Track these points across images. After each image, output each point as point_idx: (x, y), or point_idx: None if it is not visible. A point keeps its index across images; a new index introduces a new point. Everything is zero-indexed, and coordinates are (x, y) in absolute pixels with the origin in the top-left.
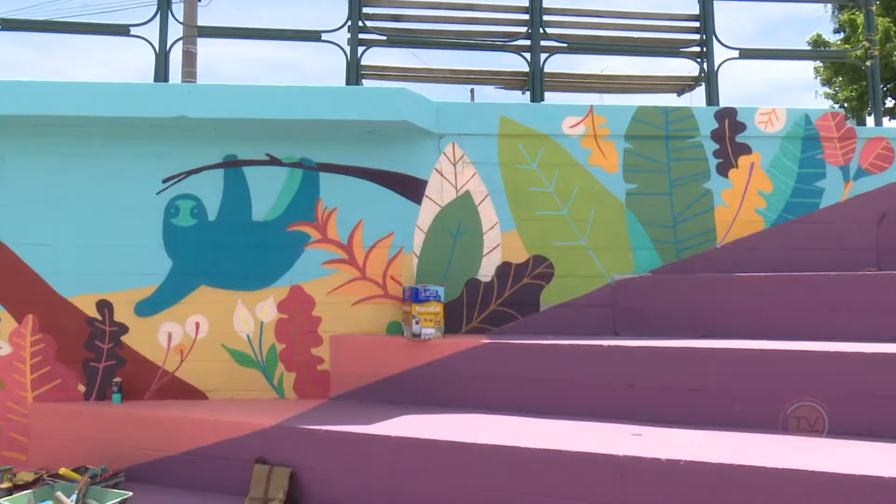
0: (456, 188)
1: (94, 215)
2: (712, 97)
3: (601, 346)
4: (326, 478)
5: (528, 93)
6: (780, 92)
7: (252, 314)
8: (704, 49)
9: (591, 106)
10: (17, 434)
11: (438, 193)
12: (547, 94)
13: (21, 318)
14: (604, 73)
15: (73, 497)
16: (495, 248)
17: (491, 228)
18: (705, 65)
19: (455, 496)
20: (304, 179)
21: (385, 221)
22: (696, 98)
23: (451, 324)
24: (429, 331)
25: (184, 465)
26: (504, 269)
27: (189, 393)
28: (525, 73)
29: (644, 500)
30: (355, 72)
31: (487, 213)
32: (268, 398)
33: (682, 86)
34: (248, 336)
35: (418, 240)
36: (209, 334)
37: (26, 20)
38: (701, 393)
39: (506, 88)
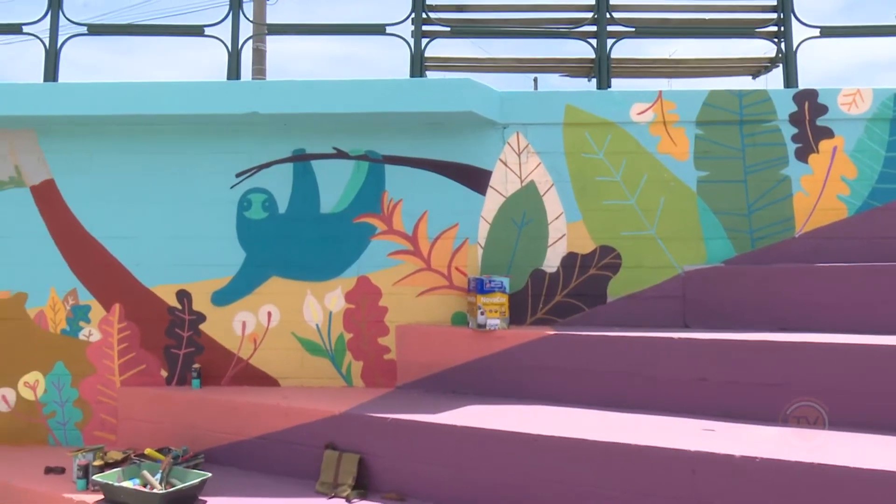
0: (521, 178)
1: (173, 209)
2: (790, 79)
3: (671, 338)
4: (393, 465)
5: (593, 80)
6: (865, 71)
7: (321, 304)
8: (782, 28)
9: (660, 91)
10: (107, 416)
11: (503, 184)
12: (613, 81)
13: (109, 306)
14: (673, 56)
15: (158, 476)
16: (560, 238)
17: (556, 218)
18: (783, 45)
19: (520, 488)
20: (370, 172)
21: (449, 212)
22: (772, 80)
23: (516, 315)
24: (494, 322)
25: (258, 449)
26: (570, 259)
27: (262, 380)
28: (591, 60)
29: (717, 497)
30: (419, 64)
31: (552, 204)
32: (336, 386)
33: (757, 68)
34: (317, 325)
35: (483, 230)
36: (280, 323)
37: (111, 25)
38: (780, 388)
39: (571, 76)
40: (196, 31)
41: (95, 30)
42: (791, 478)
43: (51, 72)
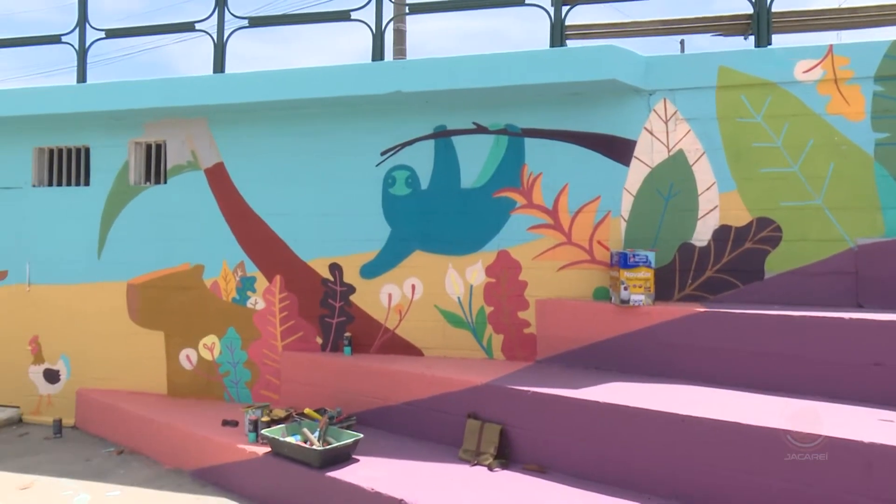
0: (668, 147)
1: (324, 188)
2: None
3: (842, 318)
4: (535, 437)
5: (750, 38)
6: None
7: (462, 277)
8: None
9: (831, 46)
10: (272, 377)
11: (648, 154)
12: (774, 38)
13: (271, 278)
14: (844, 6)
15: (316, 434)
16: (712, 210)
17: (707, 189)
18: None
19: (664, 468)
20: (510, 146)
21: (591, 185)
22: None
23: (662, 291)
24: (638, 297)
25: (404, 414)
26: (722, 232)
27: (407, 349)
28: (747, 17)
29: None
30: (559, 33)
31: (703, 173)
32: (477, 358)
33: None
34: (458, 298)
35: (626, 203)
36: (424, 296)
37: (269, 16)
38: None
39: (724, 35)
40: (343, 16)
41: (256, 22)
42: None
43: (219, 64)
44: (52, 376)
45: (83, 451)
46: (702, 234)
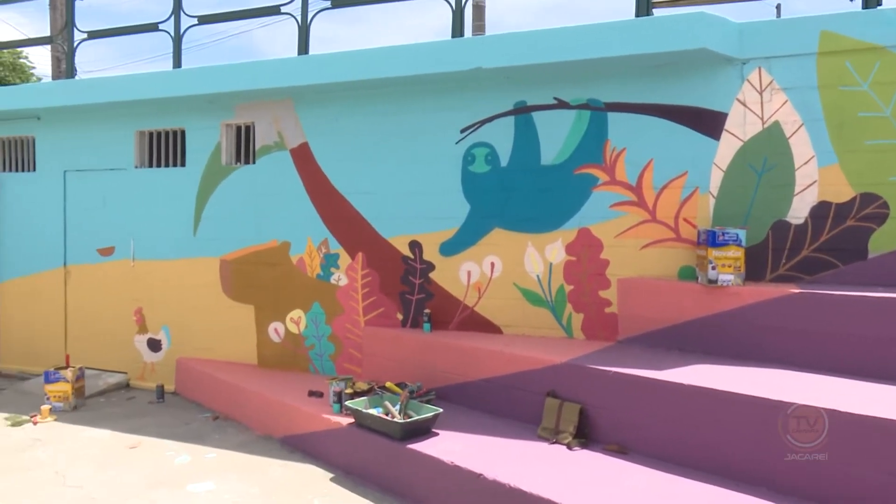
0: (762, 119)
1: (404, 166)
2: None
3: None
4: (615, 417)
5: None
6: None
7: (542, 255)
8: None
9: None
10: (354, 350)
11: (740, 126)
12: None
13: (354, 255)
14: None
15: (397, 407)
16: (810, 185)
17: (805, 163)
18: None
19: (754, 456)
20: (592, 121)
21: (677, 160)
22: None
23: (753, 270)
24: (727, 277)
25: (482, 391)
26: (821, 209)
27: (486, 326)
28: None
29: None
30: (646, 2)
31: (801, 146)
32: (556, 336)
33: None
34: (537, 276)
35: (715, 179)
36: (503, 274)
37: None
38: None
39: None
40: None
41: (338, 2)
42: None
43: (303, 45)
44: (154, 345)
45: (183, 416)
46: (798, 211)
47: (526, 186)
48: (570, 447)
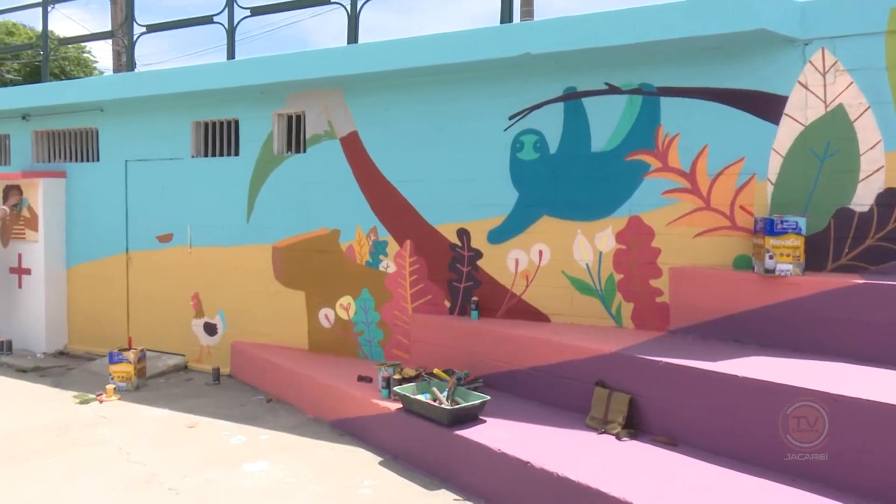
0: (825, 102)
1: (452, 154)
2: None
3: None
4: (665, 409)
5: None
6: None
7: (591, 244)
8: None
9: None
10: (402, 337)
11: (801, 110)
12: None
13: (402, 242)
14: None
15: (445, 393)
16: (877, 171)
17: (871, 148)
18: None
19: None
20: (644, 106)
21: (733, 146)
22: None
23: (814, 259)
24: (785, 267)
25: (530, 379)
26: (888, 196)
27: (533, 315)
28: None
29: None
30: None
31: (867, 130)
32: (605, 326)
33: None
34: (587, 265)
35: (774, 164)
36: (551, 262)
37: None
38: None
39: None
40: None
41: None
42: None
43: (352, 34)
44: (210, 329)
45: (237, 398)
46: (863, 198)
47: (575, 173)
48: (618, 437)
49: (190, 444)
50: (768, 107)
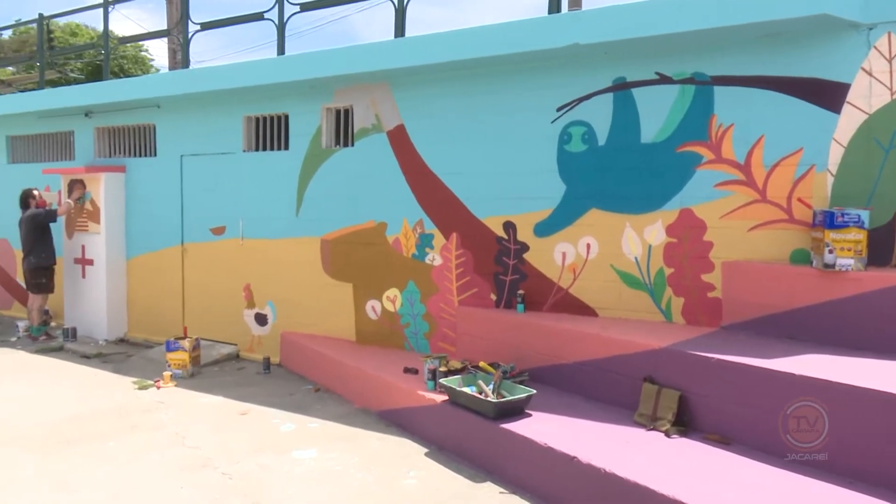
0: (891, 90)
1: (499, 146)
2: None
3: None
4: (718, 406)
5: None
6: None
7: (640, 237)
8: None
9: None
10: (448, 329)
11: (865, 98)
12: None
13: (448, 235)
14: None
15: (490, 386)
16: None
17: None
18: None
19: (877, 455)
20: (697, 96)
21: (791, 136)
22: None
23: (877, 254)
24: (846, 261)
25: (576, 373)
26: None
27: (580, 309)
28: None
29: None
30: None
31: None
32: (654, 321)
33: None
34: (635, 259)
35: (835, 155)
36: (599, 255)
37: None
38: None
39: None
40: None
41: None
42: None
43: (399, 28)
44: (261, 319)
45: (287, 387)
46: None
47: (624, 166)
48: (668, 434)
49: (242, 431)
50: (829, 95)
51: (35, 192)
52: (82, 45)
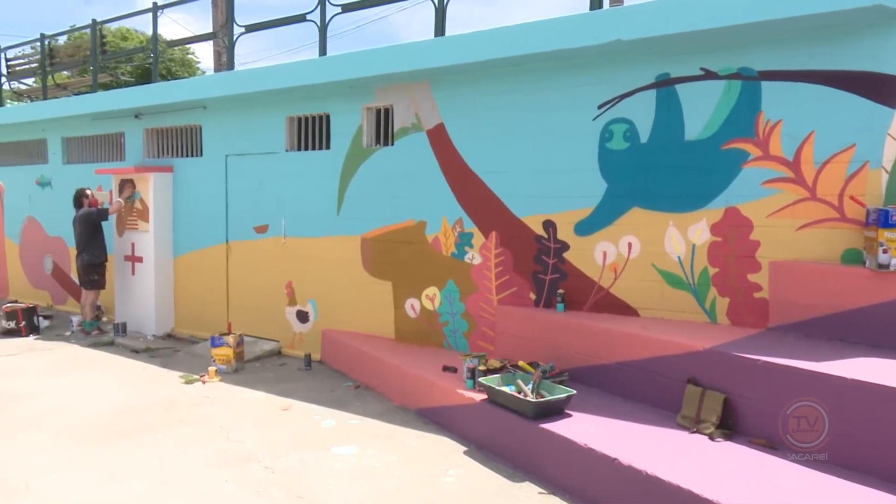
0: None
1: (539, 144)
2: None
3: None
4: (764, 410)
5: None
6: None
7: (683, 236)
8: None
9: None
10: (487, 328)
11: None
12: None
13: (487, 234)
14: None
15: (530, 386)
16: None
17: None
18: None
19: None
20: (743, 92)
21: (843, 132)
22: None
23: None
24: None
25: (617, 374)
26: None
27: (621, 308)
28: None
29: None
30: None
31: None
32: (698, 321)
33: None
34: (679, 258)
35: (890, 151)
36: (641, 254)
37: None
38: None
39: None
40: None
41: None
42: None
43: (440, 27)
44: (302, 317)
45: (328, 383)
46: None
47: (667, 163)
48: (712, 438)
49: (284, 426)
50: (884, 89)
51: (88, 192)
52: (132, 49)
